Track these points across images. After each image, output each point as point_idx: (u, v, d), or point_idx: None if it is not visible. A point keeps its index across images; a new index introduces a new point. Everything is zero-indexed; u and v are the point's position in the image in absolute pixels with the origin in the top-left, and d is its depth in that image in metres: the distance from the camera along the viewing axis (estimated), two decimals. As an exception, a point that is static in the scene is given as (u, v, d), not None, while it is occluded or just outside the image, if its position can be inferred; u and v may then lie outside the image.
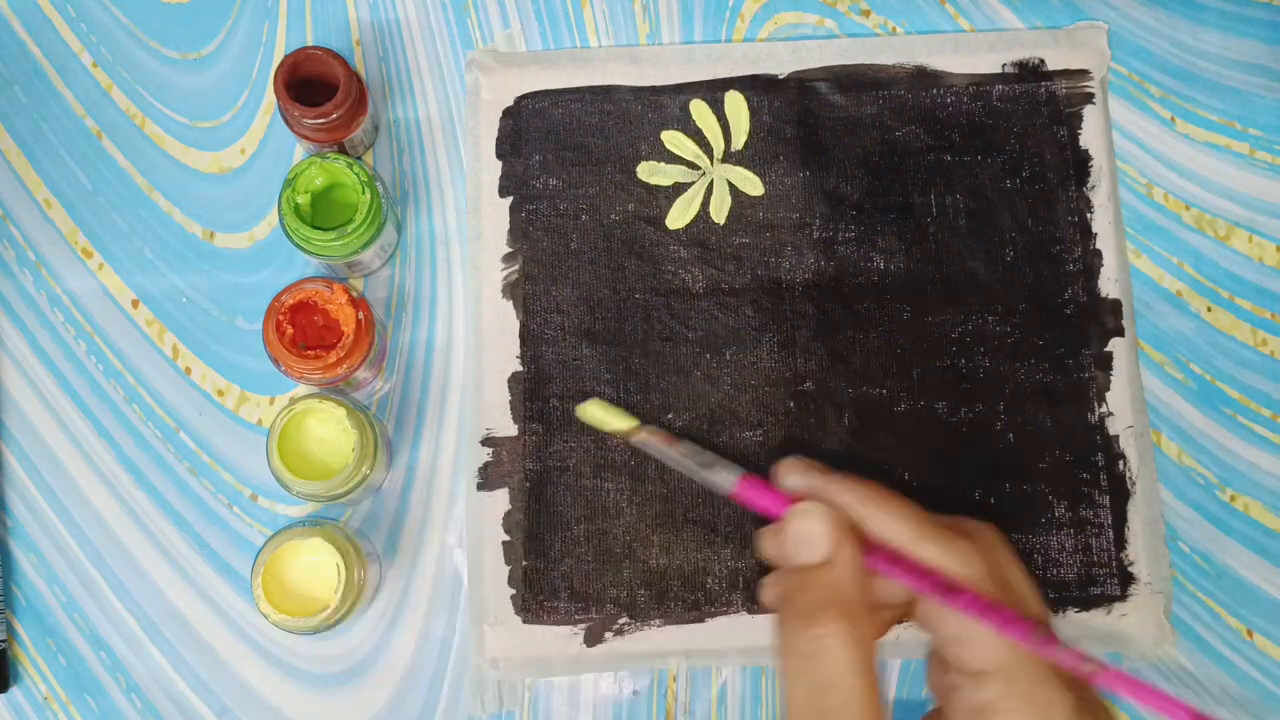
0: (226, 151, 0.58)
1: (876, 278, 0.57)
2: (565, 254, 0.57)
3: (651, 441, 0.50)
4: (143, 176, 0.58)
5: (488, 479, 0.55)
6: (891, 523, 0.40)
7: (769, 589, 0.44)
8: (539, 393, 0.56)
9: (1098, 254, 0.57)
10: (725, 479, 0.46)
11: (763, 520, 0.47)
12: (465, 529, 0.55)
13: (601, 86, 0.58)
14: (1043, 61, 0.58)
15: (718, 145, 0.58)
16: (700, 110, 0.58)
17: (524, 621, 0.54)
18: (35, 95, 0.58)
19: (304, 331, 0.52)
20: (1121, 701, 0.51)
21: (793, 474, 0.43)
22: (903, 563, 0.40)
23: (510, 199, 0.57)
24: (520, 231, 0.57)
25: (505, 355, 0.56)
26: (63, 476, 0.55)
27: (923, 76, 0.58)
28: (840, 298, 0.56)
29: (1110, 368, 0.56)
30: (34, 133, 0.58)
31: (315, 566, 0.51)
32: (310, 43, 0.59)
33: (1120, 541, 0.55)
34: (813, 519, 0.40)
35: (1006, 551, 0.41)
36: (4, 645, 0.54)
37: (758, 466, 0.55)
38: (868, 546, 0.41)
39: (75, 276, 0.57)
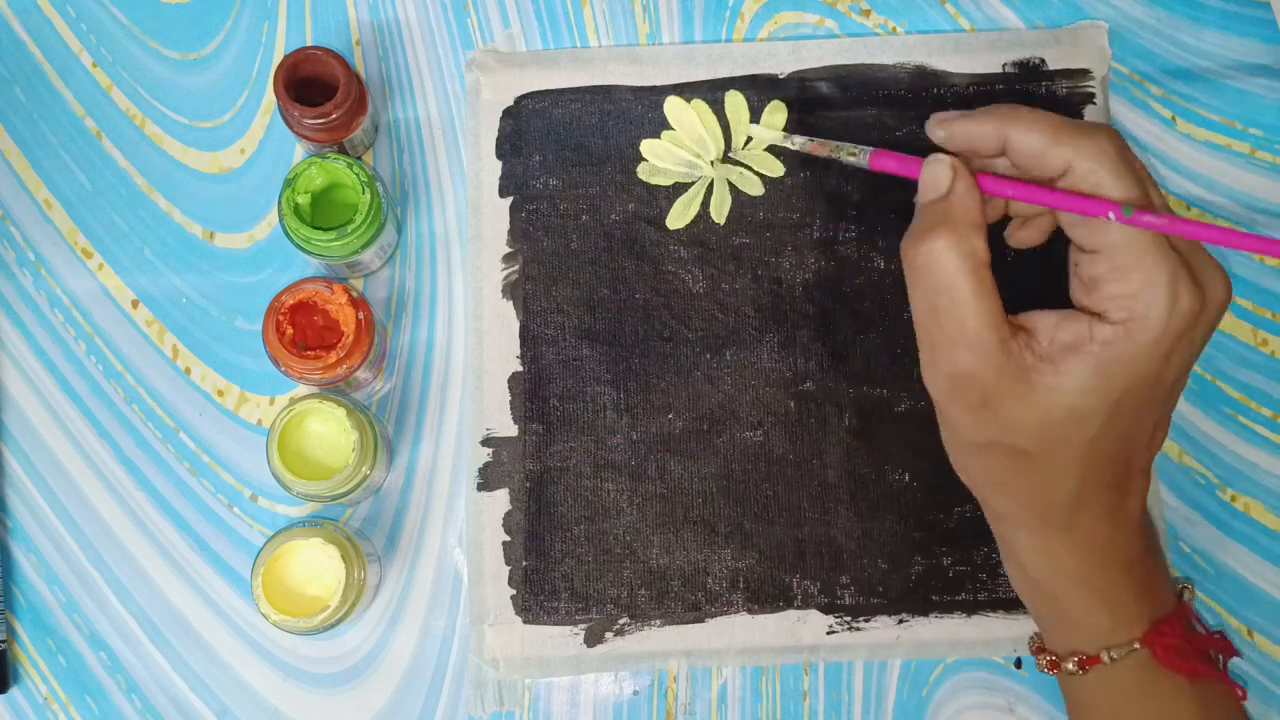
0: (226, 151, 0.58)
1: (876, 278, 0.57)
2: (565, 254, 0.57)
3: (795, 145, 0.55)
4: (143, 176, 0.58)
5: (488, 479, 0.55)
6: (1029, 135, 0.44)
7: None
8: (539, 393, 0.56)
9: (1098, 254, 0.57)
10: (860, 157, 0.50)
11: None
12: (465, 529, 0.55)
13: (601, 86, 0.58)
14: (1043, 61, 0.58)
15: (718, 145, 0.57)
16: (701, 110, 0.58)
17: (524, 622, 0.54)
18: (35, 95, 0.58)
19: (304, 332, 0.52)
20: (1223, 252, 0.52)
21: (936, 128, 0.47)
22: (1015, 185, 0.45)
23: (510, 199, 0.57)
24: (520, 231, 0.57)
25: (505, 355, 0.56)
26: (63, 476, 0.56)
27: (923, 76, 0.58)
28: (840, 298, 0.56)
29: (1110, 368, 0.56)
30: (34, 133, 0.58)
31: (315, 566, 0.51)
32: (310, 43, 0.59)
33: (1120, 541, 0.55)
34: (937, 165, 0.45)
35: (1124, 147, 0.44)
36: (4, 645, 0.54)
37: (757, 467, 0.55)
38: (992, 179, 0.45)
39: (75, 277, 0.57)
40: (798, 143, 0.54)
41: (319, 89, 0.53)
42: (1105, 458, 0.44)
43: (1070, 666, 0.46)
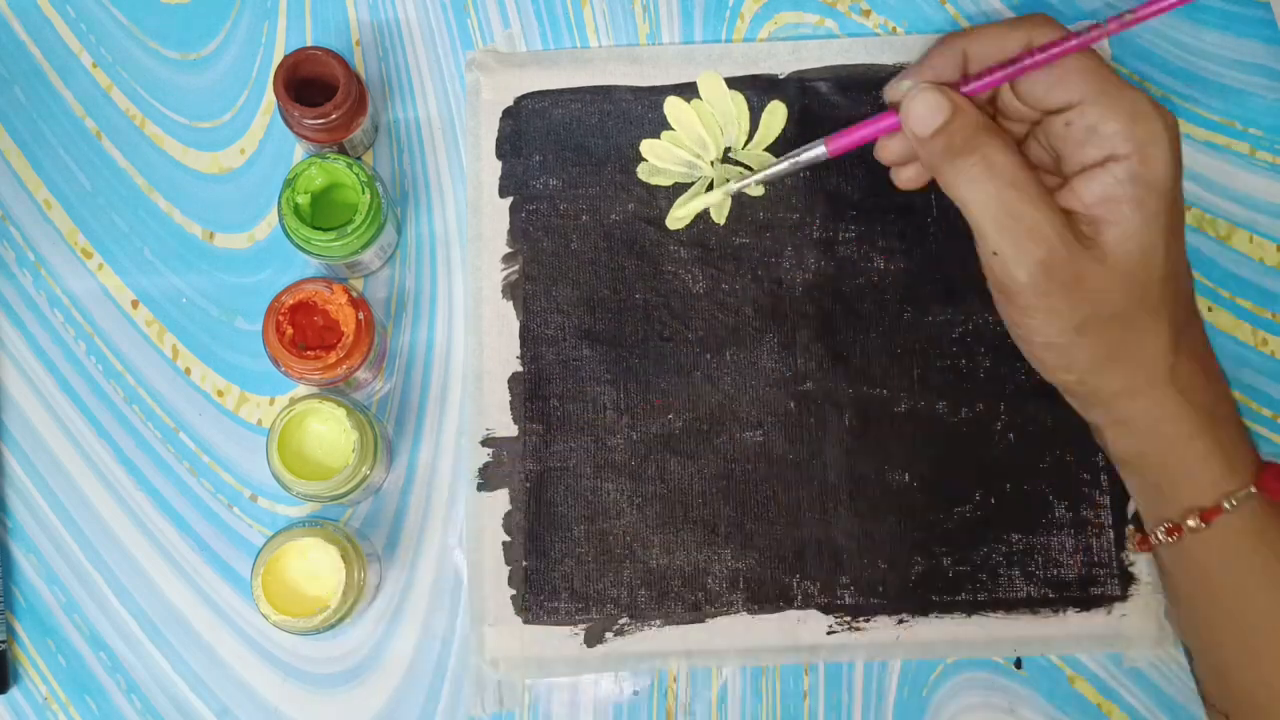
0: (226, 151, 0.58)
1: (876, 278, 0.57)
2: (565, 254, 0.57)
3: (736, 189, 0.55)
4: (142, 176, 0.58)
5: (488, 479, 0.55)
6: (977, 43, 0.48)
7: (912, 170, 0.51)
8: (539, 393, 0.56)
9: (1098, 254, 0.57)
10: (816, 151, 0.51)
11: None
12: (465, 529, 0.55)
13: (601, 86, 0.58)
14: (1043, 61, 0.58)
15: (718, 145, 0.57)
16: (701, 110, 0.58)
17: (524, 622, 0.54)
18: (35, 95, 0.58)
19: (304, 332, 0.52)
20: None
21: (891, 88, 0.50)
22: (991, 70, 0.47)
23: (510, 199, 0.57)
24: (520, 231, 0.57)
25: (505, 355, 0.56)
26: (63, 476, 0.56)
27: (923, 76, 0.58)
28: (840, 298, 0.56)
29: (1110, 368, 0.56)
30: (34, 133, 0.58)
31: (315, 566, 0.51)
32: (310, 43, 0.59)
33: (1121, 541, 0.55)
34: (926, 94, 0.47)
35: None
36: (4, 645, 0.54)
37: (757, 467, 0.55)
38: (964, 85, 0.48)
39: (75, 277, 0.57)
40: (756, 180, 0.54)
41: (319, 89, 0.53)
42: (1175, 293, 0.47)
43: (1192, 523, 0.47)
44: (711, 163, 0.57)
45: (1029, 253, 0.46)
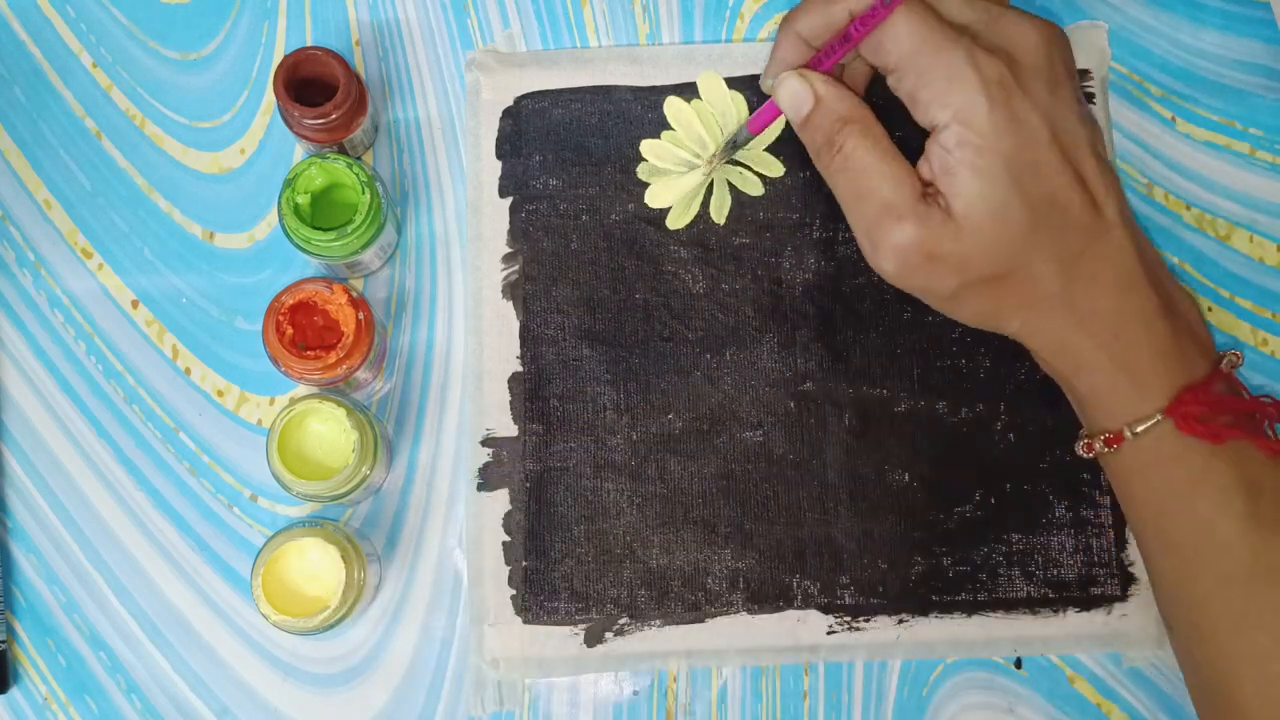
0: (226, 152, 0.58)
1: (876, 278, 0.56)
2: (565, 254, 0.57)
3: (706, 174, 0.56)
4: (142, 177, 0.58)
5: (488, 479, 0.55)
6: (806, 22, 0.49)
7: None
8: (539, 393, 0.56)
9: (1098, 254, 0.57)
10: (742, 135, 0.54)
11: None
12: (465, 529, 0.55)
13: (601, 86, 0.58)
14: (1043, 61, 0.58)
15: (718, 145, 0.57)
16: (701, 110, 0.58)
17: (524, 622, 0.54)
18: (35, 95, 0.58)
19: (304, 332, 0.52)
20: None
21: (765, 79, 0.52)
22: (831, 47, 0.48)
23: (510, 199, 0.57)
24: (520, 231, 0.57)
25: (505, 355, 0.56)
26: (63, 476, 0.55)
27: (923, 76, 0.58)
28: (840, 298, 0.56)
29: (1110, 368, 0.56)
30: (34, 133, 0.58)
31: (315, 566, 0.51)
32: (310, 43, 0.59)
33: (1121, 541, 0.55)
34: (785, 83, 0.48)
35: None
36: (4, 646, 0.54)
37: (757, 467, 0.55)
38: (820, 62, 0.48)
39: (75, 277, 0.57)
40: (719, 162, 0.56)
41: (319, 89, 0.53)
42: (1054, 231, 0.45)
43: (1099, 446, 0.47)
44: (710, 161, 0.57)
45: (884, 240, 0.46)
